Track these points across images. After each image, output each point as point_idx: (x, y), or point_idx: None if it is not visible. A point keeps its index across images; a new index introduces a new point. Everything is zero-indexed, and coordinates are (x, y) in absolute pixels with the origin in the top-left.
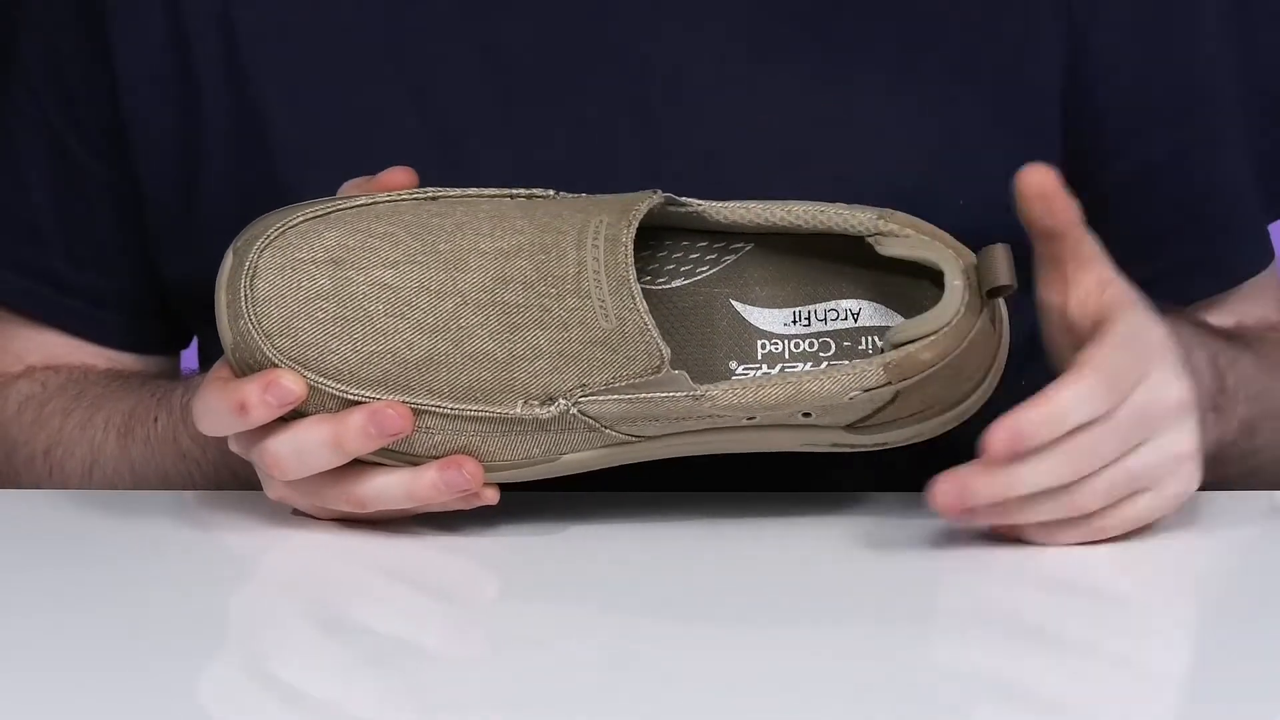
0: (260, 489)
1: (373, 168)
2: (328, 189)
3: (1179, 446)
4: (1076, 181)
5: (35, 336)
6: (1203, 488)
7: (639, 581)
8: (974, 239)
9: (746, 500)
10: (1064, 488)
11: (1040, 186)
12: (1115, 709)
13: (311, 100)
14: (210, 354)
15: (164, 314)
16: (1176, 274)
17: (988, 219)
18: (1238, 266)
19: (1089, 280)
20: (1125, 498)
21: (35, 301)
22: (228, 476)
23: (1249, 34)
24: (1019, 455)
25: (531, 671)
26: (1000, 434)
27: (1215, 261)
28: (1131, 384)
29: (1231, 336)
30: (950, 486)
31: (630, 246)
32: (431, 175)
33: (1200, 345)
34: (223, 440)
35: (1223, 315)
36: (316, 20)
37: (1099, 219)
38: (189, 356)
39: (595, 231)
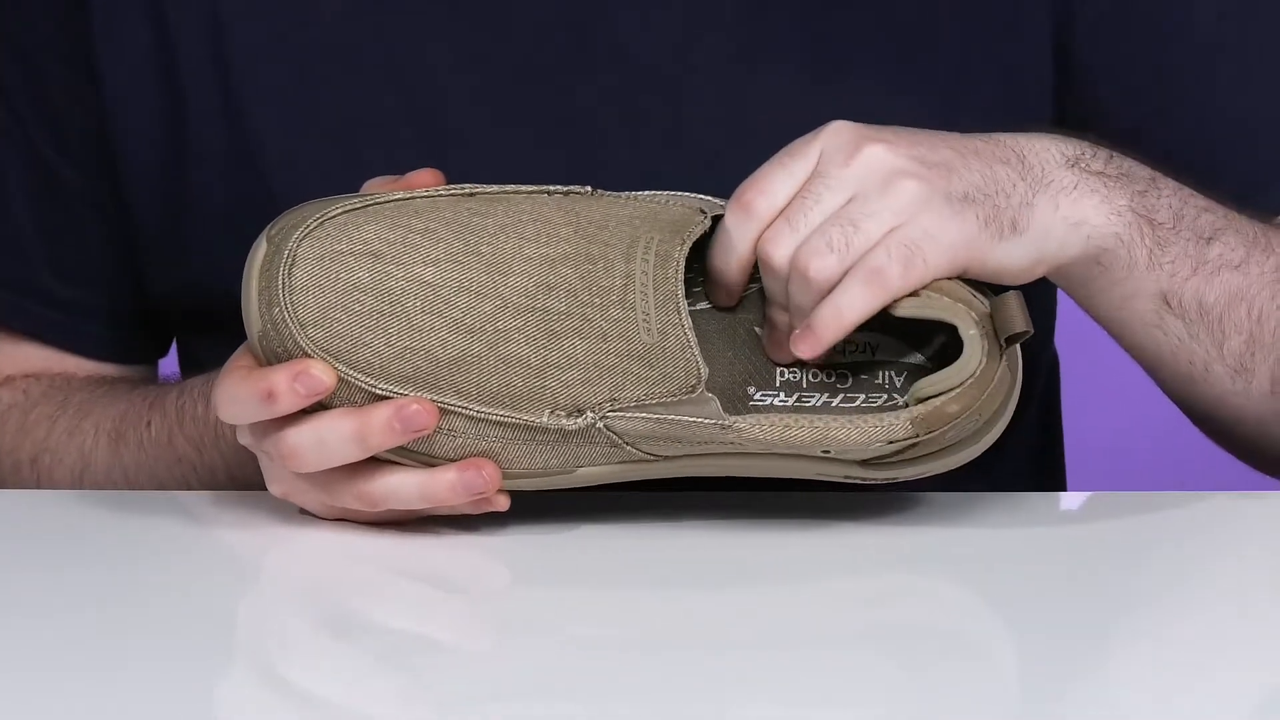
0: (259, 489)
1: (365, 177)
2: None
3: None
4: None
5: (14, 350)
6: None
7: (648, 573)
8: None
9: (753, 496)
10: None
11: None
12: (1120, 704)
13: (302, 111)
14: (195, 360)
15: (145, 323)
16: None
17: None
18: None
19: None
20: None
21: (16, 315)
22: (224, 479)
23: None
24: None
25: (544, 663)
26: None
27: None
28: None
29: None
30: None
31: (682, 264)
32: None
33: (1060, 141)
34: (220, 443)
35: None
36: (306, 32)
37: None
38: (167, 364)
39: (646, 246)
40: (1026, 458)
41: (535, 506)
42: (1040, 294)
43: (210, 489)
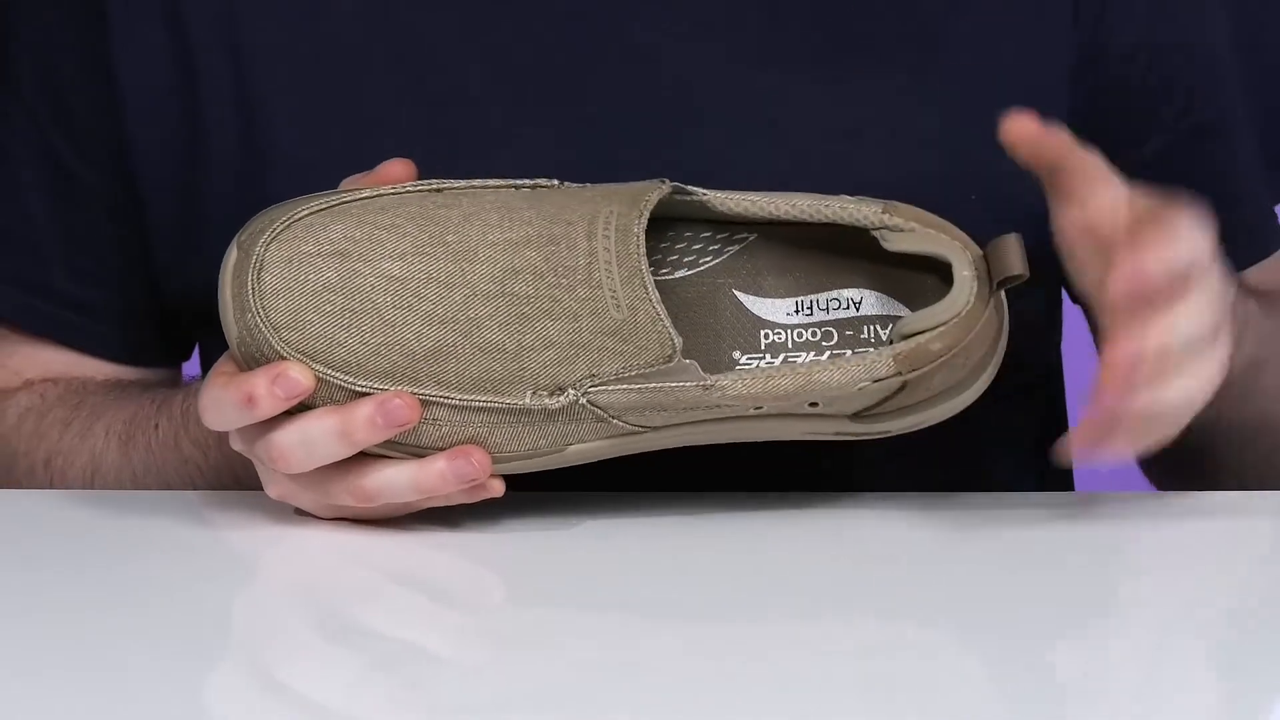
0: (261, 490)
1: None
2: None
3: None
4: None
5: (34, 352)
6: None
7: (644, 582)
8: (986, 233)
9: (750, 500)
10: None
11: (1022, 133)
12: (1120, 705)
13: (317, 111)
14: (214, 362)
15: (165, 326)
16: None
17: (999, 213)
18: (1243, 254)
19: (1108, 193)
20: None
21: (34, 317)
22: (230, 481)
23: (1250, 20)
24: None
25: (538, 674)
26: (1124, 278)
27: (1221, 249)
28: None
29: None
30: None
31: (642, 237)
32: None
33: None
34: (225, 444)
35: None
36: (321, 31)
37: None
38: (190, 367)
39: (606, 222)
40: (1031, 466)
41: (530, 510)
42: (1047, 302)
43: (217, 490)
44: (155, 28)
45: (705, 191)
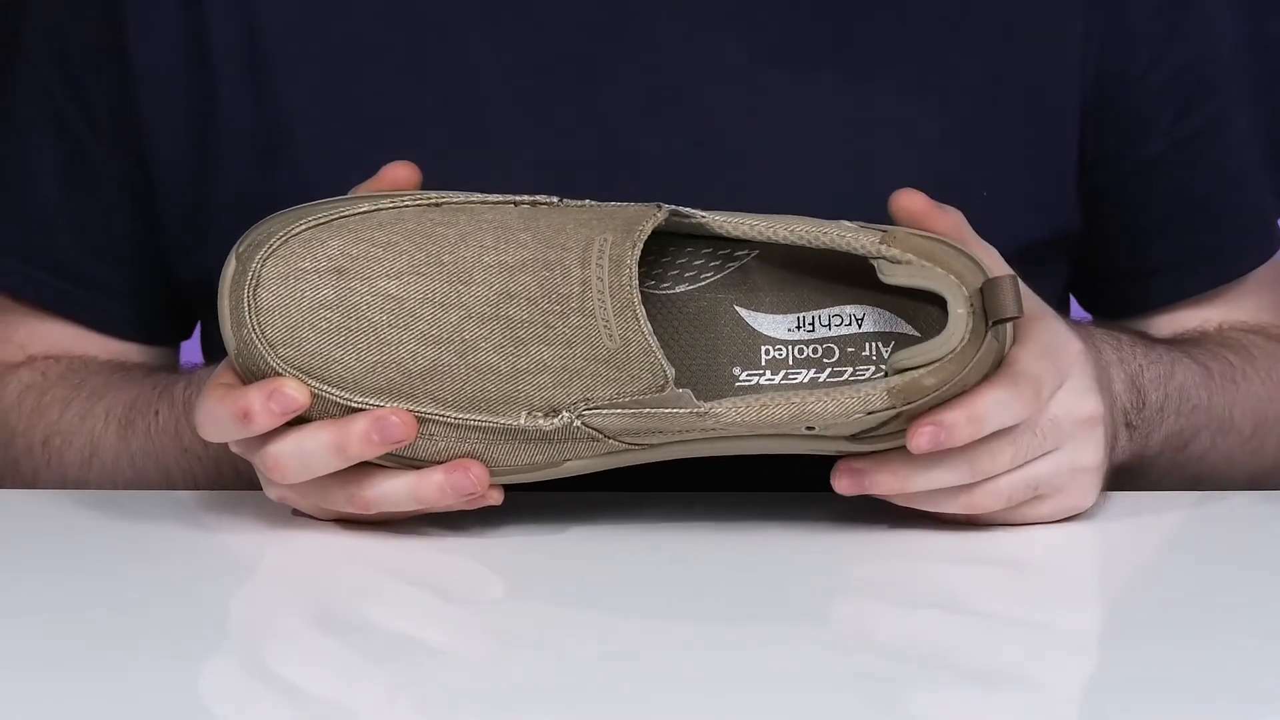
0: (261, 489)
1: None
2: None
3: (1082, 460)
4: (1088, 171)
5: (40, 326)
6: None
7: (642, 581)
8: (994, 229)
9: (747, 500)
10: (964, 487)
11: (909, 211)
12: (1120, 704)
13: (331, 104)
14: (215, 345)
15: (170, 305)
16: (1178, 265)
17: (1008, 209)
18: (1238, 260)
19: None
20: (1023, 501)
21: (42, 291)
22: (229, 472)
23: (1259, 23)
24: (939, 450)
25: (536, 671)
26: (925, 429)
27: (1216, 253)
28: (1049, 394)
29: (1172, 348)
30: (850, 481)
31: (635, 268)
32: (454, 181)
33: (1119, 364)
34: None
35: (1208, 312)
36: (339, 25)
37: (1106, 208)
38: (189, 348)
39: (600, 250)
40: None
41: (529, 509)
42: (1055, 305)
43: (216, 480)
44: (172, 14)
45: (704, 214)
